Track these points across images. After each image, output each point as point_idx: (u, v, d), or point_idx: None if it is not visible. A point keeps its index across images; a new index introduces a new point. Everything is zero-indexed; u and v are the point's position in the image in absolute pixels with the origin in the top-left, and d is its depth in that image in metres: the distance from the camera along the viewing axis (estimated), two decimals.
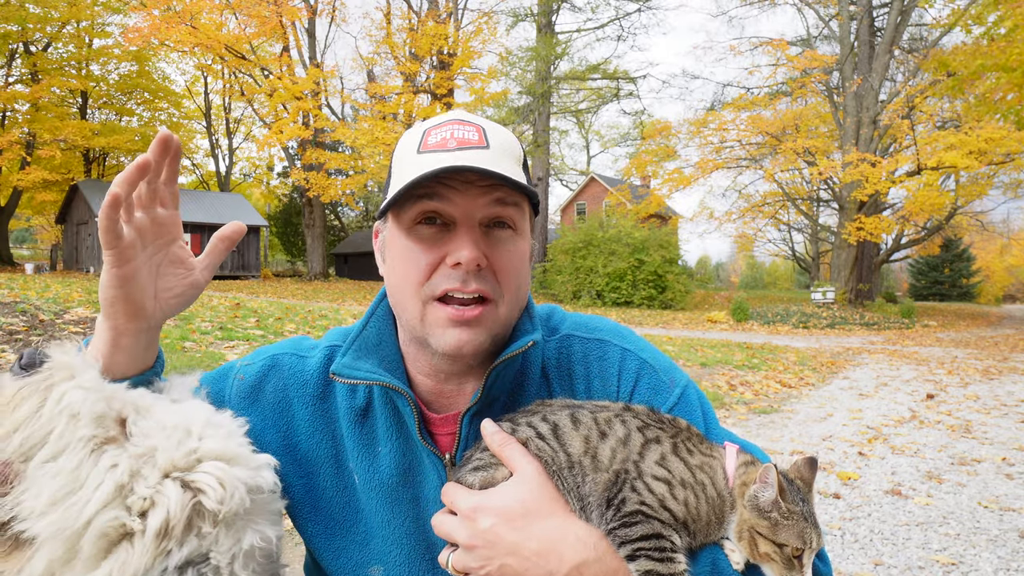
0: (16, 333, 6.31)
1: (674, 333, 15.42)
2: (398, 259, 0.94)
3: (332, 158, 27.56)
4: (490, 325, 0.92)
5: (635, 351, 1.04)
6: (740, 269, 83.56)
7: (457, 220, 0.90)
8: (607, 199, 38.98)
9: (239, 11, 26.97)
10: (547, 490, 0.84)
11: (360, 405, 1.01)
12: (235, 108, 41.34)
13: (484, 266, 0.90)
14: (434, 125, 0.95)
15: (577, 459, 0.86)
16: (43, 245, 49.49)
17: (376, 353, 1.00)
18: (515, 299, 0.96)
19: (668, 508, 0.81)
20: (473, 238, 0.89)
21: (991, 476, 4.44)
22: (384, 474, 0.98)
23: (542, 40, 29.37)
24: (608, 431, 0.87)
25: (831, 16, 28.12)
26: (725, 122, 27.61)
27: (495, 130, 0.95)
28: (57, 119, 28.85)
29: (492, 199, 0.91)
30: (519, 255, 0.95)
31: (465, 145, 0.90)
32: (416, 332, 0.94)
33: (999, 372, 9.74)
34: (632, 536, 0.80)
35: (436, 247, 0.91)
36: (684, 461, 0.85)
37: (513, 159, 0.94)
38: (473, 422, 0.95)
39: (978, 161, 20.11)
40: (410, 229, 0.92)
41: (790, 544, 0.78)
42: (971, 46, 15.93)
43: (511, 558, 0.80)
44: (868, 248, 26.71)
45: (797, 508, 0.80)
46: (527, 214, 0.98)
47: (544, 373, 1.03)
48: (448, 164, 0.85)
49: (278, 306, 13.08)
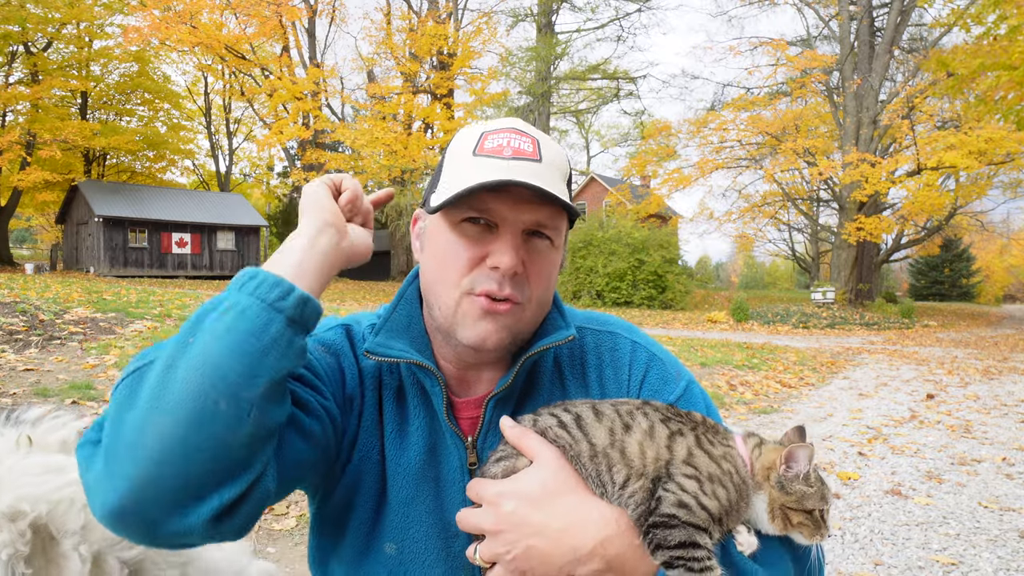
0: (16, 333, 6.31)
1: (674, 333, 15.42)
2: (441, 250, 0.98)
3: (332, 158, 27.59)
4: (515, 323, 0.97)
5: (644, 345, 1.11)
6: (740, 269, 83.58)
7: (502, 225, 0.95)
8: (607, 199, 38.97)
9: (239, 11, 26.98)
10: (567, 473, 0.88)
11: (395, 383, 1.04)
12: (235, 108, 41.35)
13: (520, 273, 0.95)
14: (492, 130, 0.99)
15: (602, 450, 0.89)
16: (43, 245, 49.49)
17: (407, 334, 1.03)
18: (541, 304, 1.01)
19: (704, 507, 0.83)
20: (515, 245, 0.94)
21: (991, 476, 4.44)
22: (412, 453, 1.01)
23: (542, 40, 29.37)
24: (632, 423, 0.90)
25: (831, 16, 28.12)
26: (725, 122, 27.60)
27: (548, 144, 1.00)
28: (57, 119, 28.84)
29: (537, 213, 0.96)
30: (551, 264, 1.01)
31: (520, 156, 0.95)
32: (446, 320, 0.98)
33: (999, 372, 9.74)
34: (670, 542, 0.81)
35: (479, 246, 0.95)
36: (708, 454, 0.88)
37: (561, 175, 0.99)
38: (498, 407, 1.00)
39: (978, 161, 20.10)
40: (456, 225, 0.96)
41: (816, 508, 0.86)
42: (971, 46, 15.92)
43: (536, 539, 0.83)
44: (868, 248, 26.71)
45: (813, 475, 0.86)
46: (565, 229, 1.04)
47: (556, 363, 1.08)
48: (503, 176, 0.91)
49: None
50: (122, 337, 6.88)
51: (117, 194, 30.44)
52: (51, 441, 1.12)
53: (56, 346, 6.08)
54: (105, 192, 30.20)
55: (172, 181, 39.90)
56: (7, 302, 8.05)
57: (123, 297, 11.50)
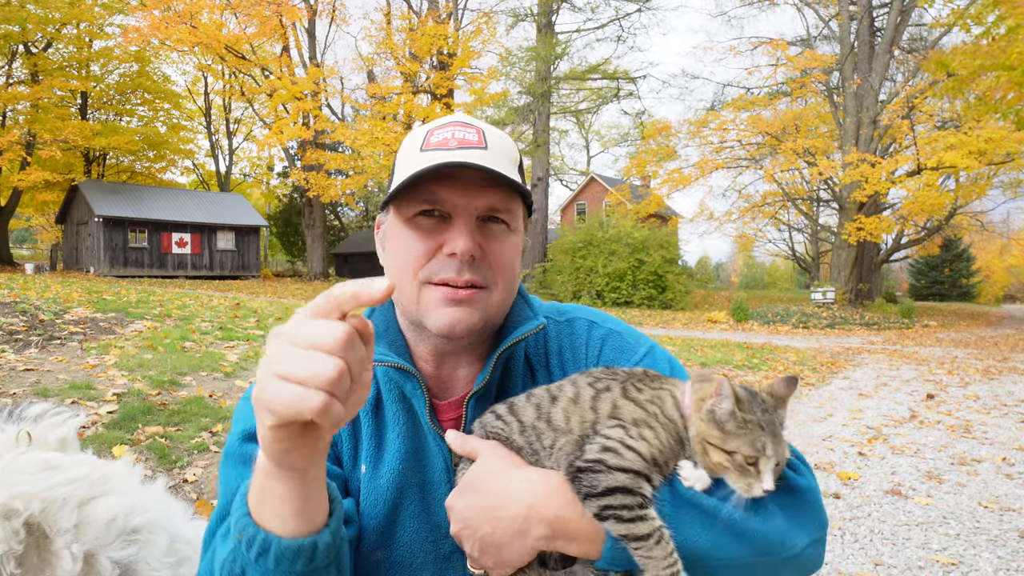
0: (16, 333, 6.31)
1: (674, 333, 15.42)
2: (398, 247, 0.99)
3: (332, 158, 27.56)
4: (483, 307, 0.97)
5: (601, 323, 1.11)
6: (740, 269, 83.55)
7: (454, 213, 0.95)
8: (607, 199, 38.97)
9: (239, 11, 26.96)
10: (500, 456, 0.89)
11: (372, 394, 1.03)
12: (235, 108, 41.37)
13: (478, 257, 0.95)
14: (437, 126, 1.00)
15: (530, 424, 0.90)
16: (43, 245, 49.47)
17: (384, 338, 1.04)
18: (508, 286, 1.01)
19: (632, 447, 0.81)
20: (469, 230, 0.95)
21: (991, 476, 4.44)
22: (392, 463, 1.00)
23: (542, 40, 29.34)
24: (559, 394, 0.92)
25: (831, 16, 28.11)
26: (725, 122, 27.59)
27: (494, 133, 1.01)
28: (57, 119, 28.85)
29: (488, 197, 0.96)
30: (512, 247, 1.01)
31: (465, 145, 0.96)
32: (412, 314, 0.99)
33: (999, 372, 9.74)
34: (597, 488, 0.79)
35: (433, 236, 0.96)
36: (634, 400, 0.87)
37: (510, 161, 1.00)
38: (478, 406, 1.01)
39: (978, 161, 20.09)
40: (409, 220, 0.97)
41: (740, 452, 0.78)
42: (971, 46, 15.89)
43: (484, 525, 0.84)
44: (868, 248, 26.71)
45: (753, 418, 0.79)
46: (521, 213, 1.03)
47: (527, 358, 1.08)
48: (448, 160, 0.92)
49: (278, 306, 13.08)
50: (122, 337, 6.88)
51: (117, 194, 30.44)
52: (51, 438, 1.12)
53: (56, 346, 6.08)
54: (105, 192, 30.20)
55: (172, 181, 39.94)
56: (7, 302, 8.05)
57: (123, 297, 11.49)
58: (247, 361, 6.28)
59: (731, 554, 0.79)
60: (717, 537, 0.79)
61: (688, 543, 0.78)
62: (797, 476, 0.88)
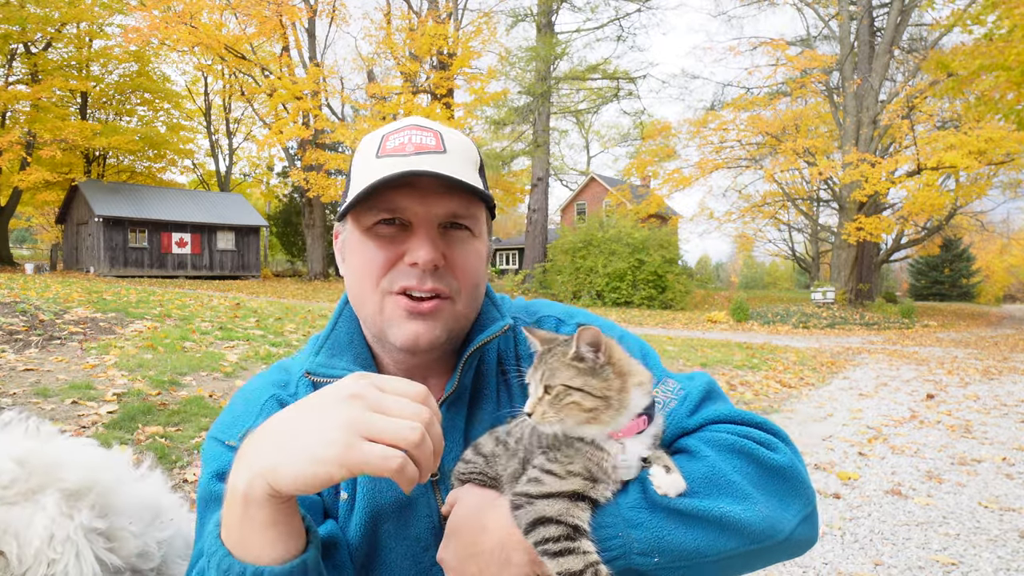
0: (16, 333, 6.31)
1: (674, 333, 15.42)
2: (357, 257, 0.97)
3: (332, 158, 27.55)
4: (446, 319, 0.96)
5: (567, 319, 1.10)
6: (740, 269, 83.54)
7: (415, 221, 0.93)
8: (607, 199, 38.98)
9: (239, 11, 26.97)
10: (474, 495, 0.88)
11: None
12: (235, 108, 41.39)
13: (442, 266, 0.93)
14: (392, 130, 0.97)
15: (490, 453, 0.90)
16: (43, 245, 49.47)
17: (350, 350, 1.02)
18: (472, 297, 0.99)
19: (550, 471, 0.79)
20: (431, 238, 0.92)
21: (991, 476, 4.44)
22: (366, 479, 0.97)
23: (542, 40, 29.33)
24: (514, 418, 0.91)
25: (831, 16, 28.11)
26: (725, 122, 27.62)
27: (452, 135, 0.98)
28: (57, 119, 28.85)
29: (449, 204, 0.93)
30: (476, 254, 0.98)
31: (423, 150, 0.93)
32: (375, 327, 0.97)
33: (999, 372, 9.74)
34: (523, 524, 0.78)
35: (394, 245, 0.94)
36: None
37: (470, 164, 0.97)
38: (451, 411, 0.99)
39: (978, 161, 20.11)
40: (368, 229, 0.95)
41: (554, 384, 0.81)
42: (971, 46, 15.90)
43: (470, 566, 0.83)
44: (868, 248, 26.72)
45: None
46: (484, 217, 1.01)
47: (499, 360, 1.06)
48: (405, 169, 0.89)
49: (278, 306, 13.08)
50: (122, 337, 6.88)
51: (117, 194, 30.44)
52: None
53: (56, 346, 6.07)
54: (105, 192, 30.20)
55: (172, 181, 39.94)
56: (7, 302, 8.05)
57: (123, 297, 11.49)
58: (247, 361, 6.29)
59: (721, 548, 0.78)
60: (701, 535, 0.78)
61: (673, 546, 0.77)
62: (772, 454, 0.85)
